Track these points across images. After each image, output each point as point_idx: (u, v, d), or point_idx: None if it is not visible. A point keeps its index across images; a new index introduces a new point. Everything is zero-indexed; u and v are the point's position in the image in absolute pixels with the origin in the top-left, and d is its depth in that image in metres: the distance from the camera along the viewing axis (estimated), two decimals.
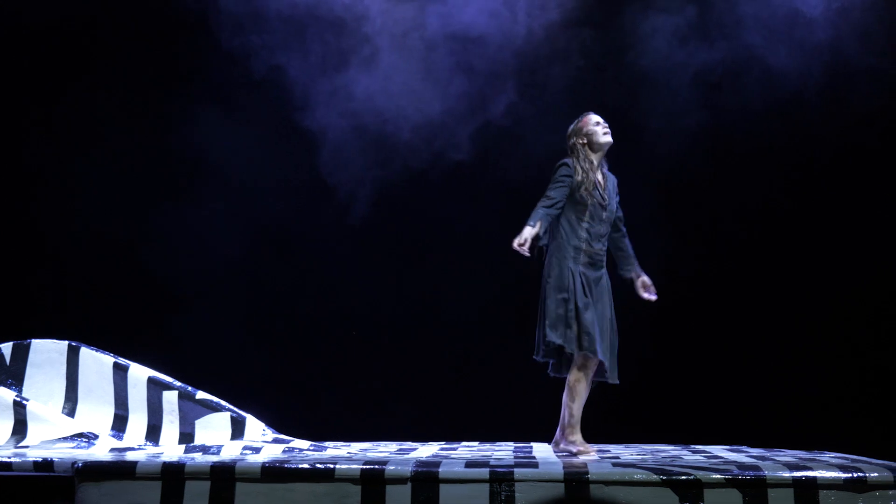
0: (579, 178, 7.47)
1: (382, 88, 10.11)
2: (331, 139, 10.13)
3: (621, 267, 7.84)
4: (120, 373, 8.70)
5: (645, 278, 7.79)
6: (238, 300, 10.14)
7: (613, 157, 7.78)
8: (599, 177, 7.58)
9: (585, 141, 7.64)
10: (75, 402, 8.68)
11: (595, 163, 7.60)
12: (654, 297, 7.77)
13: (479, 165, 10.21)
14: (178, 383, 8.72)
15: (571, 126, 7.78)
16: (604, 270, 7.62)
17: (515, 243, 7.21)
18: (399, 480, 6.07)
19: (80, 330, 9.18)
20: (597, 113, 7.80)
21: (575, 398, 7.50)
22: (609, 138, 7.63)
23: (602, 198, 7.52)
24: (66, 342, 8.84)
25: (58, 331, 9.05)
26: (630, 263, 7.83)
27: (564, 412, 7.57)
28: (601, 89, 10.02)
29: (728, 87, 9.99)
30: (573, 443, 7.48)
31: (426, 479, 6.07)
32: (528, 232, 7.27)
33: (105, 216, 10.20)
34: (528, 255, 7.27)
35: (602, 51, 10.20)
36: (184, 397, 8.63)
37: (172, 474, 6.17)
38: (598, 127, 7.66)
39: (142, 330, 9.80)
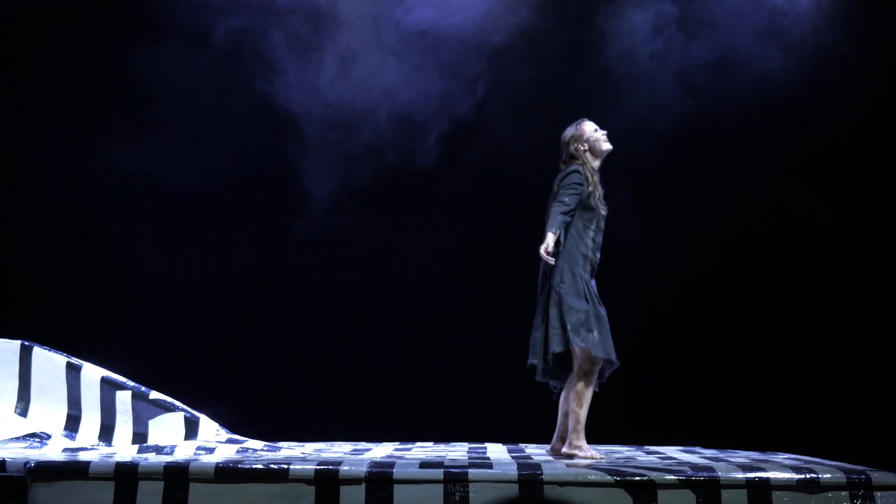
0: (591, 187, 7.47)
1: (348, 78, 10.09)
2: (296, 125, 10.09)
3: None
4: (73, 372, 8.64)
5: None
6: (191, 299, 10.08)
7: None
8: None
9: (587, 147, 7.61)
10: (28, 402, 8.62)
11: (596, 170, 7.61)
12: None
13: (450, 162, 10.17)
14: (132, 383, 8.66)
15: (568, 132, 7.69)
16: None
17: (542, 250, 7.23)
18: (353, 481, 6.07)
19: (29, 330, 9.11)
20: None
21: (583, 404, 7.44)
22: (610, 146, 7.62)
23: (604, 207, 7.53)
24: (19, 341, 8.77)
25: (6, 328, 8.98)
26: None
27: (571, 418, 7.49)
28: (576, 88, 10.02)
29: (708, 85, 9.98)
30: (579, 448, 7.45)
31: (380, 480, 6.06)
32: (552, 238, 7.29)
33: (54, 207, 10.13)
34: (552, 261, 7.28)
35: (576, 49, 10.19)
36: (137, 397, 8.58)
37: (125, 474, 6.14)
38: (597, 133, 7.63)
39: (93, 330, 9.73)
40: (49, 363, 8.72)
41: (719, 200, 10.00)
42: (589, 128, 7.68)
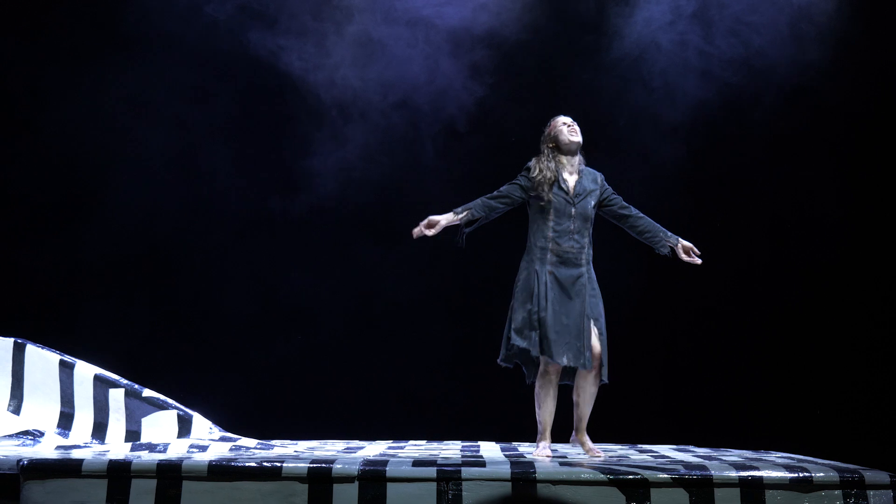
0: (538, 176, 7.49)
1: (352, 67, 10.08)
2: (298, 110, 10.06)
3: (654, 248, 7.68)
4: (66, 370, 8.64)
5: (684, 242, 7.60)
6: (184, 297, 10.06)
7: (591, 153, 7.75)
8: (567, 175, 7.58)
9: (553, 144, 7.65)
10: (21, 400, 8.62)
11: (565, 163, 7.61)
12: (698, 261, 7.59)
13: (452, 154, 10.16)
14: (125, 381, 8.67)
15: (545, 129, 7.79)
16: (583, 268, 7.46)
17: (414, 230, 7.47)
18: (346, 479, 6.07)
19: (22, 326, 9.10)
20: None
21: (541, 405, 7.49)
22: (574, 137, 7.58)
23: (567, 194, 7.50)
24: (12, 339, 8.76)
25: None
26: (657, 239, 7.64)
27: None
28: (585, 81, 10.02)
29: (727, 77, 9.95)
30: (540, 449, 7.51)
31: (373, 478, 6.07)
32: (443, 217, 7.51)
33: (49, 205, 10.10)
34: (429, 233, 7.48)
35: (587, 41, 10.16)
36: (130, 395, 8.59)
37: (118, 472, 6.14)
38: (563, 127, 7.63)
39: (85, 326, 9.71)
40: (42, 361, 8.71)
41: (717, 196, 9.99)
42: (557, 122, 7.71)
